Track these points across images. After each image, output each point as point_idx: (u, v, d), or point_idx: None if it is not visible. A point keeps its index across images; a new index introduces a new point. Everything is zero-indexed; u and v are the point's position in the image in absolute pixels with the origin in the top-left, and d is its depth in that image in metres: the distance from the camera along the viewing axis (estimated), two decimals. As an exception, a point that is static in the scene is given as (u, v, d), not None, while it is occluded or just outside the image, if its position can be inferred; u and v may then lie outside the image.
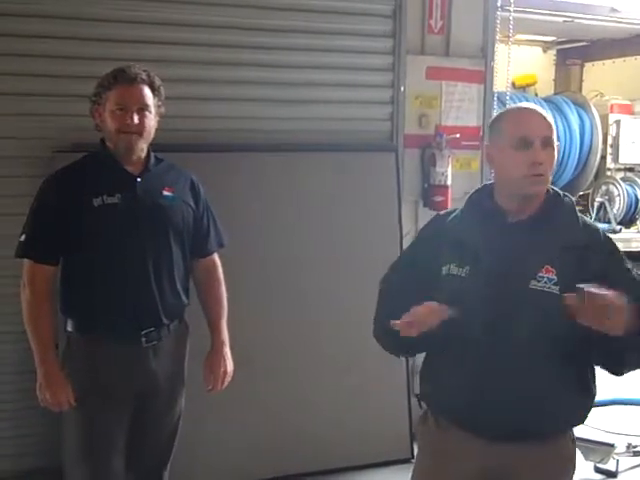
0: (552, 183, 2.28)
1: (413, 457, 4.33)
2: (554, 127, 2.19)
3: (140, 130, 2.71)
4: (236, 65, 4.08)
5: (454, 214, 2.35)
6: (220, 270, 3.07)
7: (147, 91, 2.74)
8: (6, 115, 3.67)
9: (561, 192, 2.27)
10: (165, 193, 2.83)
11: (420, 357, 4.54)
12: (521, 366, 2.12)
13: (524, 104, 2.34)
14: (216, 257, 3.07)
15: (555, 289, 2.09)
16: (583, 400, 2.24)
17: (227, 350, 3.03)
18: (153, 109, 2.76)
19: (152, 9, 3.86)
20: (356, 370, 4.16)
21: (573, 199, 2.28)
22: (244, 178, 3.97)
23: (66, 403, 2.73)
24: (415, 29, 4.51)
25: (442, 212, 2.46)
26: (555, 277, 2.10)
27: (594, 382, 2.25)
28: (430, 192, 4.52)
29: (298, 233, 4.13)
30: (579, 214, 2.24)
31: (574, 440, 2.32)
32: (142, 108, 2.72)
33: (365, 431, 4.21)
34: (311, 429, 4.12)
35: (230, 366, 3.03)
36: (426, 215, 4.58)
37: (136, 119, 2.69)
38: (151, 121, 2.76)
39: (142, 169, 2.81)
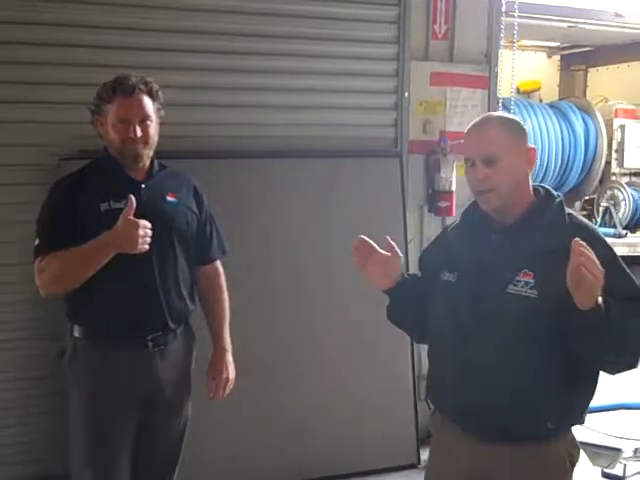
0: (556, 188, 2.30)
1: (420, 462, 4.34)
2: (503, 139, 2.18)
3: (145, 140, 2.73)
4: (240, 72, 4.10)
5: (453, 225, 2.45)
6: (223, 277, 3.07)
7: (147, 100, 2.75)
8: (12, 123, 3.68)
9: (554, 192, 2.27)
10: (169, 199, 2.84)
11: (426, 361, 4.54)
12: (502, 368, 2.14)
13: (479, 119, 2.30)
14: (219, 264, 3.07)
15: (532, 293, 2.11)
16: (570, 402, 2.20)
17: (229, 357, 3.03)
18: (154, 117, 2.78)
19: (156, 17, 3.88)
20: (362, 374, 4.16)
21: (561, 199, 2.26)
22: (248, 184, 3.98)
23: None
24: (419, 35, 4.53)
25: (448, 225, 2.53)
26: (532, 281, 2.12)
27: (588, 382, 2.21)
28: (435, 198, 4.53)
29: (302, 239, 4.14)
30: (571, 214, 2.24)
31: (572, 443, 2.26)
32: (144, 119, 2.73)
33: (372, 436, 4.20)
34: (316, 435, 4.12)
35: (232, 373, 3.03)
36: (431, 221, 4.60)
37: (139, 132, 2.70)
38: (153, 129, 2.77)
39: (146, 175, 2.83)
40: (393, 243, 2.42)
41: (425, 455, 4.38)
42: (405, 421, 4.35)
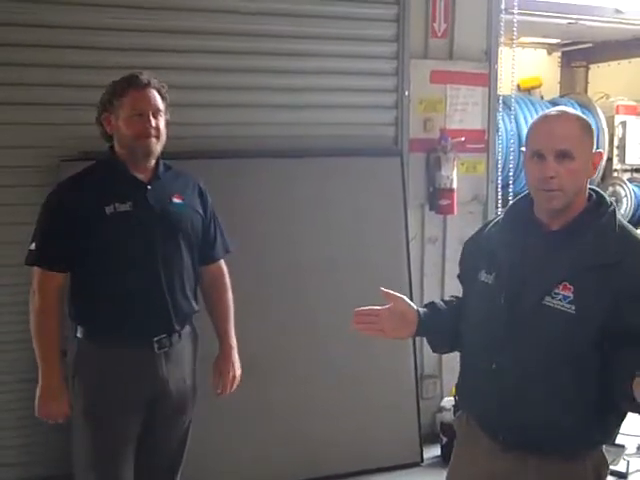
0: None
1: (423, 461, 4.35)
2: (579, 136, 2.06)
3: (157, 134, 2.74)
4: (239, 72, 4.10)
5: (495, 221, 2.33)
6: (227, 276, 3.08)
7: (158, 96, 2.77)
8: (12, 124, 3.69)
9: (607, 199, 2.12)
10: (175, 201, 2.84)
11: (429, 361, 4.55)
12: (531, 379, 2.05)
13: (554, 110, 2.16)
14: (223, 263, 3.08)
15: (570, 308, 1.98)
16: (603, 421, 2.08)
17: (235, 355, 3.05)
18: (164, 114, 2.79)
19: (156, 17, 3.88)
20: (364, 374, 4.15)
21: (614, 208, 2.09)
22: (248, 184, 3.98)
23: (60, 417, 2.76)
24: (419, 33, 4.52)
25: (490, 220, 2.41)
26: (571, 295, 1.99)
27: (620, 400, 2.00)
28: (436, 196, 4.52)
29: (303, 238, 4.14)
30: (623, 226, 2.07)
31: (602, 461, 2.17)
32: (156, 112, 2.74)
33: (375, 435, 4.21)
34: (320, 434, 4.12)
35: (238, 370, 3.06)
36: (432, 219, 4.60)
37: (154, 122, 2.72)
38: (163, 125, 2.78)
39: (151, 176, 2.82)
40: (387, 290, 2.33)
41: (428, 454, 4.40)
42: (408, 420, 4.35)
